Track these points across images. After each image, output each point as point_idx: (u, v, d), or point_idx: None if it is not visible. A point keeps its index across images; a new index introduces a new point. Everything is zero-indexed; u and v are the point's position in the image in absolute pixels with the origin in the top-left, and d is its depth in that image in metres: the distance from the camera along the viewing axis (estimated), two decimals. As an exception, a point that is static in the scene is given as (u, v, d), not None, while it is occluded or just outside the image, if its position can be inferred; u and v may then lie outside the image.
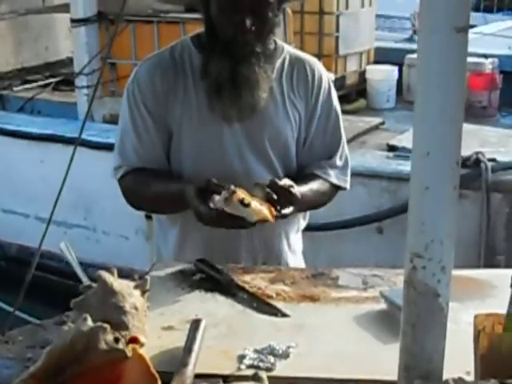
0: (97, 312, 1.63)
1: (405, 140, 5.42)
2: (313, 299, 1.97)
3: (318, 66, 2.42)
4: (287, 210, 2.13)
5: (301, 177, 2.35)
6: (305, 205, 2.28)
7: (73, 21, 5.97)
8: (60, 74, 7.14)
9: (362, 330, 1.81)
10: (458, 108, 1.13)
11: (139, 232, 5.63)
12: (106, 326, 1.50)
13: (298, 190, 2.18)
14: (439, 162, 1.14)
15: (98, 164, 5.35)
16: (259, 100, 2.25)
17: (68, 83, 6.77)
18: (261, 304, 1.93)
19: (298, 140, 2.38)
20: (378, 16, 7.73)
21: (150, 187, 2.29)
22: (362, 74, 7.07)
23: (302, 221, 2.50)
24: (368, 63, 7.18)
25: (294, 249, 2.48)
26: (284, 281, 2.07)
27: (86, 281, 1.84)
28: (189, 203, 2.09)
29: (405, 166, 4.81)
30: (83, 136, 5.47)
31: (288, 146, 2.36)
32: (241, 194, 2.01)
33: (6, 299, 5.59)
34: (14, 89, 7.12)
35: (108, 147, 5.47)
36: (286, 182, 2.17)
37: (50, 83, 6.98)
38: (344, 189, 2.48)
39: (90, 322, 1.51)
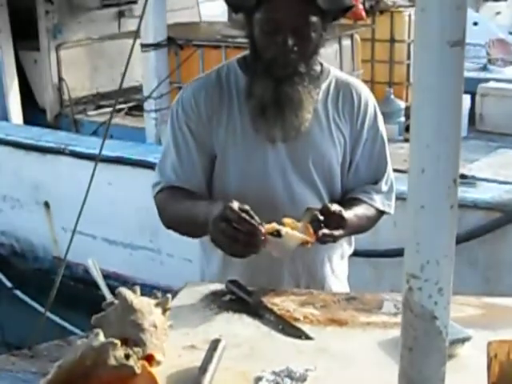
0: (116, 328, 1.64)
1: (474, 169, 5.34)
2: (340, 323, 1.94)
3: (364, 90, 2.40)
4: (337, 233, 2.13)
5: (346, 201, 2.33)
6: (351, 229, 2.24)
7: (143, 46, 6.07)
8: (132, 100, 7.25)
9: (386, 356, 1.76)
10: (454, 124, 1.10)
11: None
12: (117, 341, 1.50)
13: (346, 214, 2.16)
14: (434, 180, 1.10)
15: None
16: (303, 120, 2.23)
17: (140, 109, 6.87)
18: (286, 326, 1.91)
19: (342, 164, 2.36)
20: (452, 44, 7.63)
21: (179, 205, 2.28)
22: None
23: (348, 246, 2.46)
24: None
25: (337, 274, 2.44)
26: (314, 304, 2.04)
27: (110, 298, 1.84)
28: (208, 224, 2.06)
29: (470, 194, 4.74)
30: (150, 159, 5.57)
31: (332, 169, 2.33)
32: (273, 227, 2.01)
33: (73, 318, 5.68)
34: (89, 113, 7.27)
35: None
36: (336, 207, 2.15)
37: (123, 108, 7.10)
38: (388, 213, 2.44)
39: (101, 338, 1.52)
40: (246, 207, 1.98)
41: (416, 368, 1.18)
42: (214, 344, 1.71)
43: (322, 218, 2.07)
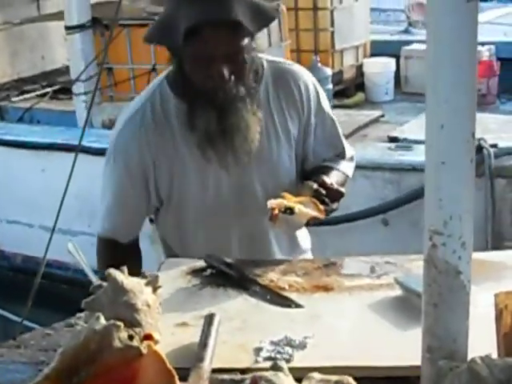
0: (109, 311, 1.61)
1: (406, 131, 5.40)
2: (326, 289, 1.94)
3: (301, 74, 2.34)
4: (334, 206, 2.15)
5: (317, 169, 2.31)
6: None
7: (67, 28, 5.94)
8: (57, 83, 7.11)
9: (378, 317, 1.78)
10: (471, 78, 1.10)
11: (144, 236, 5.58)
12: (120, 323, 1.47)
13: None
14: (454, 135, 1.11)
15: (100, 170, 5.33)
16: (253, 142, 2.19)
17: (65, 91, 6.74)
18: (274, 296, 1.91)
19: (297, 156, 2.35)
20: (372, 10, 7.70)
21: None
22: (359, 68, 7.04)
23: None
24: (364, 57, 7.15)
25: (301, 245, 2.45)
26: (296, 272, 2.05)
27: (96, 281, 1.81)
28: None
29: (407, 157, 4.80)
30: (83, 143, 5.47)
31: (289, 172, 2.33)
32: (282, 203, 2.00)
33: (13, 309, 5.57)
34: (12, 99, 7.10)
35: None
36: (328, 179, 2.17)
37: (48, 92, 6.96)
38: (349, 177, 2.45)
39: (102, 321, 1.48)
40: None
41: (442, 323, 1.19)
42: (209, 319, 1.69)
43: (324, 192, 2.07)
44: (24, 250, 6.17)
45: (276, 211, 1.99)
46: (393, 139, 5.30)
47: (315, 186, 2.09)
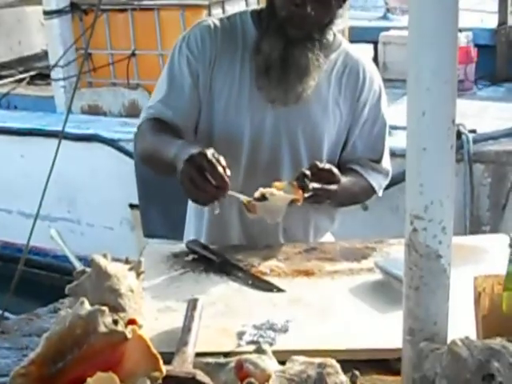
0: (92, 296, 1.62)
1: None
2: (307, 273, 1.97)
3: (373, 69, 2.35)
4: (330, 187, 2.10)
5: (341, 170, 2.27)
6: (344, 192, 2.20)
7: (45, 13, 5.91)
8: (34, 68, 7.07)
9: (359, 301, 1.81)
10: (452, 66, 1.12)
11: (124, 222, 5.61)
12: (104, 308, 1.48)
13: (336, 170, 2.15)
14: (435, 122, 1.13)
15: (79, 156, 5.33)
16: (306, 87, 2.18)
17: (43, 77, 6.71)
18: (256, 281, 1.93)
19: (337, 141, 2.33)
20: (350, -5, 7.72)
21: (156, 137, 2.20)
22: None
23: (329, 222, 2.46)
24: (342, 42, 7.16)
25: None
26: (277, 257, 2.07)
27: (79, 266, 1.82)
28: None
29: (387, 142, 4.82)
30: (60, 128, 5.46)
31: (321, 142, 2.29)
32: (257, 193, 2.00)
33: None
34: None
35: (88, 138, 5.47)
36: (325, 164, 2.14)
37: (25, 78, 6.92)
38: (376, 194, 2.43)
39: (87, 306, 1.49)
40: (221, 158, 1.90)
41: (423, 306, 1.22)
42: (192, 303, 1.70)
43: (308, 172, 2.04)
44: (2, 236, 6.15)
45: (249, 201, 1.99)
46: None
47: (303, 169, 2.07)
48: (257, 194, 1.99)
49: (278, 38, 2.15)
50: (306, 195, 2.02)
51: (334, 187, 2.11)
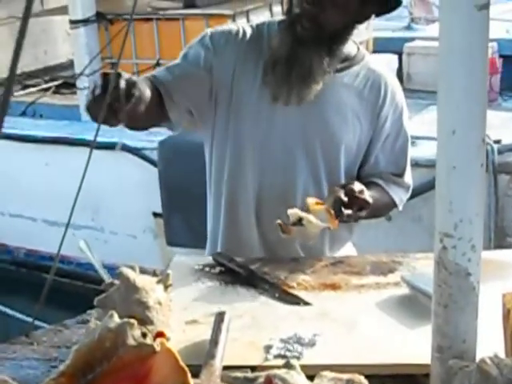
0: (121, 308, 1.63)
1: (408, 127, 5.41)
2: (334, 287, 1.97)
3: (395, 84, 2.35)
4: (360, 214, 2.12)
5: (363, 183, 2.26)
6: (370, 212, 2.19)
7: (72, 22, 5.96)
8: (60, 77, 7.12)
9: (386, 316, 1.81)
10: (482, 85, 1.13)
11: (147, 230, 5.63)
12: (133, 321, 1.50)
13: (369, 197, 2.14)
14: (465, 140, 1.13)
15: (104, 164, 5.35)
16: (309, 89, 2.18)
17: (68, 86, 6.75)
18: (283, 294, 1.93)
19: (357, 154, 2.33)
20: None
21: None
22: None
23: (347, 233, 2.45)
24: (367, 53, 7.16)
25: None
26: (304, 270, 2.07)
27: (107, 278, 1.84)
28: None
29: (411, 153, 4.80)
30: (87, 137, 5.50)
31: (339, 151, 2.29)
32: (296, 214, 2.02)
33: (15, 303, 5.60)
34: (15, 94, 7.11)
35: (112, 147, 5.50)
36: (358, 186, 2.13)
37: (51, 87, 6.97)
38: (396, 207, 2.44)
39: (116, 319, 1.51)
40: (136, 87, 1.85)
41: (452, 324, 1.22)
42: (220, 317, 1.71)
43: (345, 199, 2.05)
44: (27, 243, 6.19)
45: (286, 224, 2.03)
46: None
47: (339, 193, 2.06)
48: (294, 217, 2.02)
49: (287, 35, 2.16)
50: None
51: (364, 213, 2.13)
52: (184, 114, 2.25)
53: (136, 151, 5.44)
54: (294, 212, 2.03)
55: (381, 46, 7.19)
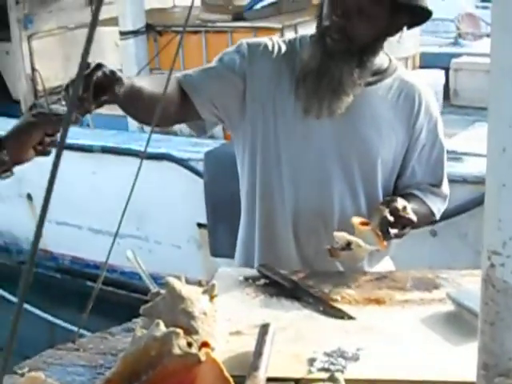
0: (166, 318, 1.65)
1: (455, 143, 5.38)
2: (378, 302, 1.97)
3: (429, 94, 2.35)
4: (404, 231, 2.13)
5: (401, 195, 2.27)
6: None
7: (122, 33, 6.04)
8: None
9: (431, 332, 1.80)
10: (534, 103, 1.12)
11: (191, 241, 5.67)
12: (179, 331, 1.51)
13: (413, 216, 2.14)
14: (516, 159, 1.13)
15: (150, 174, 5.40)
16: (339, 102, 2.18)
17: (117, 96, 6.82)
18: (327, 307, 1.94)
19: (393, 166, 2.33)
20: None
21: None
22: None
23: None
24: (413, 68, 7.14)
25: None
26: (348, 284, 2.07)
27: (153, 288, 1.86)
28: None
29: (456, 168, 4.79)
30: (134, 146, 5.56)
31: (375, 165, 2.28)
32: (344, 237, 2.04)
33: (60, 310, 5.66)
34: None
35: (159, 157, 5.55)
36: (401, 203, 2.12)
37: (100, 96, 7.04)
38: (434, 217, 2.43)
39: (162, 328, 1.53)
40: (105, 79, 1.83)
41: (498, 341, 1.21)
42: (264, 329, 1.72)
43: (391, 219, 2.05)
44: (72, 251, 6.27)
45: (335, 248, 2.05)
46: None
47: (385, 212, 2.06)
48: (342, 241, 2.03)
49: (317, 48, 2.16)
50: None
51: (408, 230, 2.13)
52: (214, 116, 2.27)
53: (182, 162, 5.49)
54: (341, 235, 2.04)
55: (428, 61, 7.17)
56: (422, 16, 2.20)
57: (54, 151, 1.83)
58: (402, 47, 6.88)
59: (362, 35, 2.13)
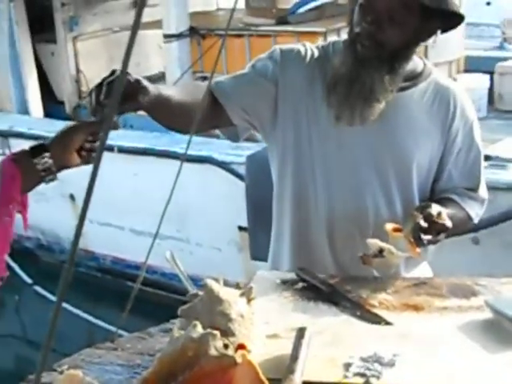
0: (204, 319, 1.66)
1: (499, 149, 5.32)
2: (416, 308, 1.96)
3: (464, 97, 2.34)
4: (439, 238, 2.11)
5: (437, 200, 2.27)
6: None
7: (165, 36, 6.08)
8: (152, 89, 7.25)
9: (468, 340, 1.79)
10: None
11: (231, 243, 5.67)
12: (216, 332, 1.53)
13: (448, 222, 2.11)
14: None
15: (191, 176, 5.42)
16: (372, 109, 2.17)
17: (159, 98, 6.87)
18: (364, 312, 1.94)
19: (429, 170, 2.32)
20: (466, 24, 7.62)
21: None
22: (453, 84, 6.98)
23: (423, 253, 2.34)
24: (458, 72, 7.09)
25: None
26: (386, 290, 2.07)
27: (192, 289, 1.87)
28: None
29: (500, 175, 4.73)
30: (176, 149, 5.58)
31: (411, 170, 2.28)
32: (376, 244, 2.05)
33: (100, 310, 5.71)
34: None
35: (201, 160, 5.57)
36: (435, 209, 2.10)
37: (142, 98, 7.09)
38: (471, 221, 2.41)
39: (200, 329, 1.54)
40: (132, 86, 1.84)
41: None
42: (301, 332, 1.73)
43: (425, 225, 2.03)
44: (113, 251, 6.31)
45: (367, 255, 2.06)
46: (486, 157, 5.20)
47: (418, 219, 2.04)
48: (374, 248, 2.04)
49: (348, 55, 2.16)
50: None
51: (443, 236, 2.11)
52: (246, 122, 2.27)
53: (224, 165, 5.50)
54: (374, 242, 2.05)
55: (472, 65, 7.12)
56: (454, 20, 2.18)
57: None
58: (447, 51, 6.85)
59: (392, 41, 2.11)
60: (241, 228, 5.36)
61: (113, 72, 1.84)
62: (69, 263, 0.85)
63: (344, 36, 2.21)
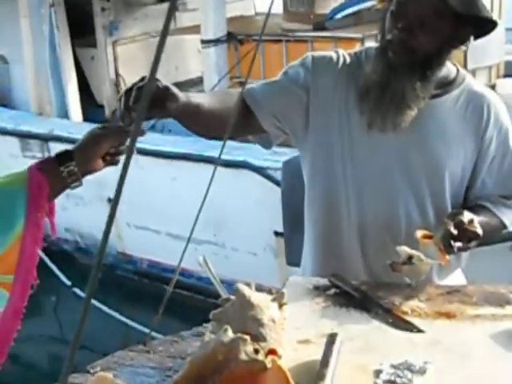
0: (235, 324, 1.67)
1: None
2: (448, 316, 1.95)
3: (498, 104, 2.31)
4: (470, 245, 2.10)
5: (471, 207, 2.25)
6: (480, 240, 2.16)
7: (203, 41, 6.11)
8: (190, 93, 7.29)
9: (501, 349, 1.78)
10: None
11: (267, 249, 5.68)
12: (247, 337, 1.54)
13: (479, 229, 2.09)
14: None
15: (228, 181, 5.44)
16: (403, 116, 2.16)
17: (198, 102, 6.91)
18: (396, 320, 1.93)
19: (462, 178, 2.30)
20: (506, 29, 7.56)
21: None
22: (492, 89, 6.92)
23: (455, 260, 2.36)
24: (498, 77, 7.04)
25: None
26: (419, 297, 2.06)
27: (224, 294, 1.88)
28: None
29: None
30: (212, 154, 5.60)
31: (443, 178, 2.26)
32: (406, 251, 2.05)
33: (135, 312, 5.75)
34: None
35: (238, 165, 5.58)
36: (467, 216, 2.09)
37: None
38: (506, 229, 2.38)
39: (230, 334, 1.55)
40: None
41: None
42: (332, 338, 1.73)
43: (455, 232, 2.02)
44: (150, 255, 6.35)
45: (396, 262, 2.05)
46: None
47: (449, 226, 2.03)
48: (403, 255, 2.04)
49: (379, 61, 2.14)
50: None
51: (474, 244, 2.10)
52: (277, 129, 2.27)
53: (260, 170, 5.51)
54: (403, 250, 2.04)
55: (512, 69, 7.07)
56: (487, 26, 2.16)
57: (122, 159, 1.87)
58: (486, 56, 6.80)
59: (424, 48, 2.10)
60: (277, 233, 5.36)
61: (143, 78, 1.85)
62: (96, 266, 0.87)
63: (380, 42, 2.20)
